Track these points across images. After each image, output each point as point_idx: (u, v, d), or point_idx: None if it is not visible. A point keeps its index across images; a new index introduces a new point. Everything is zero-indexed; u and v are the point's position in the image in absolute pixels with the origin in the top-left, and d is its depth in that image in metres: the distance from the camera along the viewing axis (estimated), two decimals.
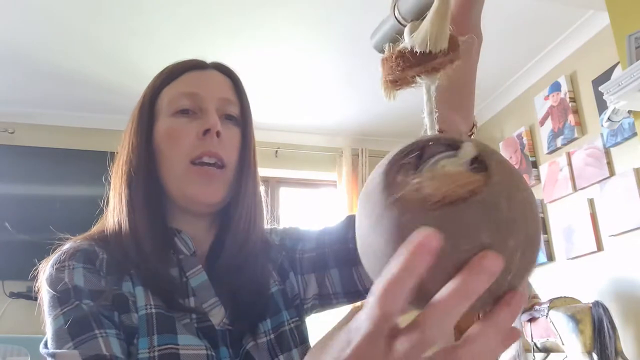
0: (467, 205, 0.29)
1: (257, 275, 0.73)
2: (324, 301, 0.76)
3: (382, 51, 0.48)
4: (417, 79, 0.41)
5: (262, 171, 3.51)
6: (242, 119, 0.77)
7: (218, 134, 0.71)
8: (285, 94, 3.40)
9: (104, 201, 0.78)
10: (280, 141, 3.88)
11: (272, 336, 0.69)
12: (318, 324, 0.84)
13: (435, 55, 0.40)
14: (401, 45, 0.42)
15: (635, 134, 2.37)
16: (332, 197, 4.02)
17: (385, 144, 4.05)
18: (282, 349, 0.69)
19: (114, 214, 0.72)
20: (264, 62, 3.03)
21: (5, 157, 3.32)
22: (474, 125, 0.65)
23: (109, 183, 0.77)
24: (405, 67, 0.40)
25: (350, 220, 0.74)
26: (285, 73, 3.16)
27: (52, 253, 0.68)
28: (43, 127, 3.43)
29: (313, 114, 3.68)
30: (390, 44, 0.43)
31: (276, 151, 3.86)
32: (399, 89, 0.43)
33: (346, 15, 2.63)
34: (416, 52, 0.40)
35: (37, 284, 0.67)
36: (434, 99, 0.41)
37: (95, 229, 0.75)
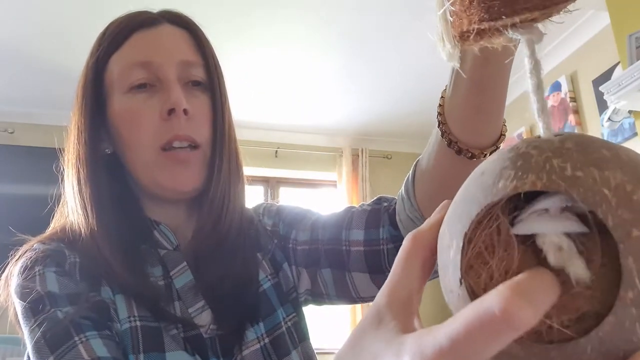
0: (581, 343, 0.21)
1: (238, 260, 0.65)
2: (317, 298, 0.70)
3: None
4: (513, 31, 0.27)
5: (262, 171, 3.49)
6: (209, 83, 0.66)
7: (185, 112, 0.61)
8: (285, 93, 3.39)
9: (54, 198, 0.68)
10: (280, 141, 3.87)
11: (266, 341, 0.63)
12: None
13: None
14: None
15: (635, 134, 2.36)
16: (332, 197, 4.01)
17: (385, 144, 4.05)
18: (279, 354, 0.62)
19: (74, 214, 0.62)
20: (264, 62, 3.03)
21: (5, 157, 3.32)
22: (502, 134, 0.52)
23: (62, 178, 0.66)
24: (519, 9, 0.26)
25: (347, 216, 0.67)
26: (285, 73, 3.15)
27: (12, 257, 0.60)
28: (43, 127, 3.43)
29: (313, 114, 3.67)
30: None
31: (276, 151, 3.86)
32: (472, 44, 0.29)
33: (346, 15, 2.63)
34: None
35: (3, 295, 0.60)
36: (540, 65, 0.27)
37: (57, 228, 0.65)
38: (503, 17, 0.26)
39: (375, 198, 0.68)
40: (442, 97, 0.52)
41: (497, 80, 0.47)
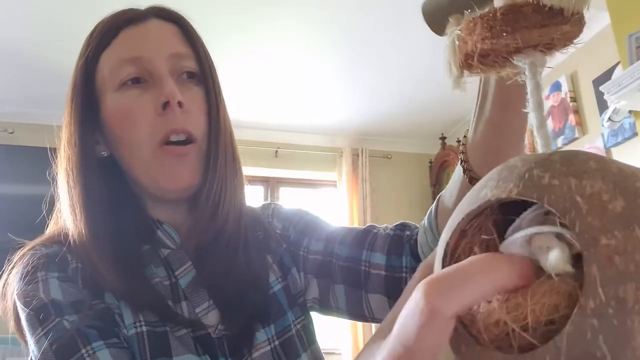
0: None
1: (240, 258, 0.64)
2: (324, 309, 0.69)
3: (436, 21, 0.36)
4: (517, 57, 0.29)
5: (262, 171, 3.48)
6: (201, 73, 0.65)
7: (180, 104, 0.59)
8: (285, 93, 3.39)
9: (46, 202, 0.67)
10: (280, 141, 3.87)
11: (276, 343, 0.62)
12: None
13: (567, 18, 0.27)
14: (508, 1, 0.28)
15: (636, 134, 2.36)
16: (332, 197, 4.01)
17: (385, 144, 4.05)
18: (289, 357, 0.62)
19: (72, 220, 0.60)
20: (264, 62, 3.02)
21: (5, 157, 3.32)
22: None
23: (55, 181, 0.65)
24: (519, 27, 0.27)
25: (368, 237, 0.66)
26: (285, 73, 3.15)
27: (11, 259, 0.59)
28: (43, 127, 3.43)
29: (313, 114, 3.67)
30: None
31: (276, 151, 3.86)
32: (478, 71, 0.31)
33: (346, 15, 2.63)
34: (544, 7, 0.27)
35: (4, 301, 0.59)
36: (541, 87, 0.29)
37: (56, 231, 0.64)
38: (504, 34, 0.27)
39: (398, 223, 0.67)
40: (464, 136, 0.55)
41: (515, 125, 0.50)
